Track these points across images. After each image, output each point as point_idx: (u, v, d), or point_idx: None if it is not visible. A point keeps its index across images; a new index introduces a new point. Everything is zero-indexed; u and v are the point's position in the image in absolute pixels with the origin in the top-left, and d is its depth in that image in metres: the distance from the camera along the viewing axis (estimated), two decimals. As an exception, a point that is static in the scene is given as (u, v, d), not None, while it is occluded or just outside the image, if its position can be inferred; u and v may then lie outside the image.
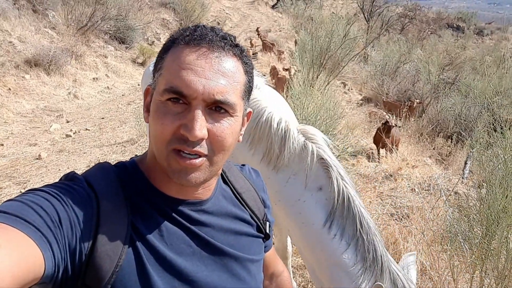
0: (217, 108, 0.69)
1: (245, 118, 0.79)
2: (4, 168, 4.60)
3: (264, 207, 0.92)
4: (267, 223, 0.92)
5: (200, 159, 0.69)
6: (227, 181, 0.87)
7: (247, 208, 0.87)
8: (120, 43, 11.42)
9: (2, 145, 5.32)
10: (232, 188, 0.87)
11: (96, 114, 7.14)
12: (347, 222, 1.47)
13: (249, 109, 0.81)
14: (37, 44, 8.28)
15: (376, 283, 1.31)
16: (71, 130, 6.03)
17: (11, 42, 7.89)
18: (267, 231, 0.91)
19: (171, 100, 0.68)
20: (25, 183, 4.17)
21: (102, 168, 0.74)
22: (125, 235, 0.67)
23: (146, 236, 0.70)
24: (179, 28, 0.76)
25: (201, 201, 0.78)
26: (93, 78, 9.04)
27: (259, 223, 0.89)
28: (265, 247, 0.96)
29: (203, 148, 0.68)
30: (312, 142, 1.61)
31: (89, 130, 6.18)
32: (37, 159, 4.91)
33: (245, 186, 0.90)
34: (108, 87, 8.91)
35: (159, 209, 0.73)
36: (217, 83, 0.68)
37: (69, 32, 9.72)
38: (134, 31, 11.88)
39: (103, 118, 6.89)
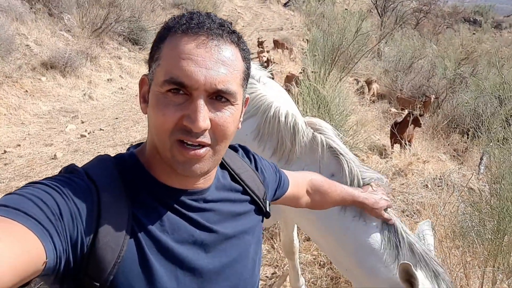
0: (218, 97, 0.69)
1: (244, 104, 0.80)
2: (21, 167, 4.73)
3: (263, 185, 0.93)
4: (267, 202, 0.94)
5: (204, 149, 0.69)
6: (225, 164, 0.88)
7: (246, 188, 0.88)
8: (133, 44, 11.57)
9: (19, 145, 5.47)
10: (230, 170, 0.88)
11: (110, 114, 7.26)
12: None
13: (246, 95, 0.81)
14: (53, 47, 8.47)
15: (401, 262, 1.31)
16: (86, 131, 6.15)
17: (27, 45, 8.09)
18: (268, 209, 0.93)
19: (171, 91, 0.67)
20: (41, 182, 4.27)
21: (101, 161, 0.75)
22: (126, 226, 0.68)
23: (147, 227, 0.71)
24: (173, 15, 0.75)
25: (202, 189, 0.79)
26: (108, 79, 9.18)
27: (259, 202, 0.90)
28: (277, 189, 1.02)
29: (206, 138, 0.69)
30: (320, 133, 1.64)
31: (103, 130, 6.29)
32: (52, 158, 5.02)
33: (243, 167, 0.91)
34: (122, 88, 9.04)
35: (160, 200, 0.74)
36: (218, 72, 0.68)
37: (84, 34, 9.91)
38: (147, 32, 12.01)
39: (117, 118, 7.00)
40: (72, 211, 0.63)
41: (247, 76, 0.77)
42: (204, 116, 0.67)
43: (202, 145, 0.69)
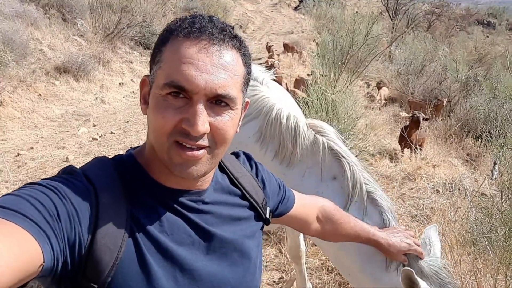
0: (217, 101, 0.69)
1: (243, 109, 0.80)
2: (33, 170, 4.80)
3: (262, 192, 0.92)
4: (267, 208, 0.92)
5: (202, 151, 0.69)
6: (224, 167, 0.88)
7: (244, 192, 0.87)
8: (145, 48, 11.72)
9: (32, 148, 5.56)
10: (230, 174, 0.88)
11: (121, 118, 7.34)
12: (368, 204, 1.48)
13: (246, 99, 0.81)
14: (66, 52, 8.62)
15: (403, 269, 1.28)
16: (97, 134, 6.22)
17: (41, 50, 8.25)
18: (267, 215, 0.92)
19: (171, 94, 0.67)
20: (52, 184, 4.33)
21: (100, 161, 0.75)
22: (124, 227, 0.68)
23: (146, 227, 0.71)
24: (175, 18, 0.75)
25: (200, 191, 0.79)
26: (119, 83, 9.30)
27: (258, 208, 0.89)
28: (280, 203, 0.98)
29: (205, 141, 0.69)
30: (321, 135, 1.64)
31: (114, 133, 6.36)
32: (64, 161, 5.09)
33: (242, 172, 0.90)
34: (133, 92, 9.14)
35: (159, 201, 0.74)
36: (218, 77, 0.68)
37: (97, 39, 10.08)
38: (158, 37, 12.15)
39: (128, 121, 7.07)
40: (70, 212, 0.63)
41: (247, 80, 0.77)
42: (203, 120, 0.67)
43: (199, 147, 0.69)
